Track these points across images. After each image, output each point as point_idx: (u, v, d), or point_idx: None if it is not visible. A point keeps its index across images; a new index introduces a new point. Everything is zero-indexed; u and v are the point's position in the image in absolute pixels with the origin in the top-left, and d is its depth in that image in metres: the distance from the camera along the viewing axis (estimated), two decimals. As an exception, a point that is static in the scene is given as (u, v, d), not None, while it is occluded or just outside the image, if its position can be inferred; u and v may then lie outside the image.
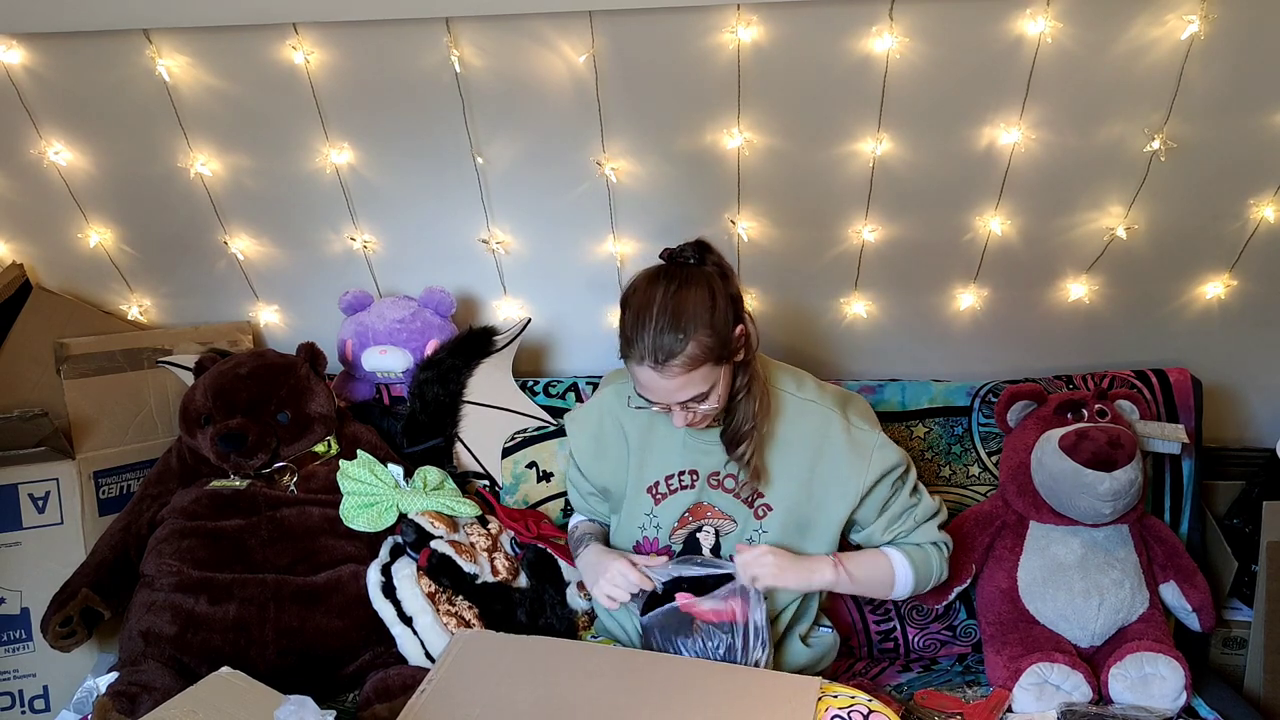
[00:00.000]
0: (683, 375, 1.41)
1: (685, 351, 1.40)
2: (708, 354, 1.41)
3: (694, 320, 1.40)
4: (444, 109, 1.75)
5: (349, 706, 1.61)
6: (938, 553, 1.61)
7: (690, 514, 1.60)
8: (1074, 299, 1.98)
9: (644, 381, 1.45)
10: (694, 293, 1.43)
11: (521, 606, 1.75)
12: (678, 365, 1.40)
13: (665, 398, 1.45)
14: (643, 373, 1.43)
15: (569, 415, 1.73)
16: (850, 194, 1.84)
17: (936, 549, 1.61)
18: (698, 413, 1.48)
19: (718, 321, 1.42)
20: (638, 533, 1.63)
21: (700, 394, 1.44)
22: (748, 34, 1.62)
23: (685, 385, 1.42)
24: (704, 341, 1.41)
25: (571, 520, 1.80)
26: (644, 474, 1.62)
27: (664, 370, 1.41)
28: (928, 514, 1.60)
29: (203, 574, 1.66)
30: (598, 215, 1.91)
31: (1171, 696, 1.62)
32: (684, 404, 1.45)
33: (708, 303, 1.42)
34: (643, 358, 1.41)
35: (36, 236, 1.96)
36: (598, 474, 1.67)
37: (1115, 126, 1.73)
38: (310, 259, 2.02)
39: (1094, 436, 1.69)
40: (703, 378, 1.43)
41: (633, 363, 1.44)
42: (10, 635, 1.80)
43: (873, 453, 1.55)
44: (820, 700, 1.38)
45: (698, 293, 1.43)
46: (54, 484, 1.86)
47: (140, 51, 1.68)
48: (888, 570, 1.58)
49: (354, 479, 1.77)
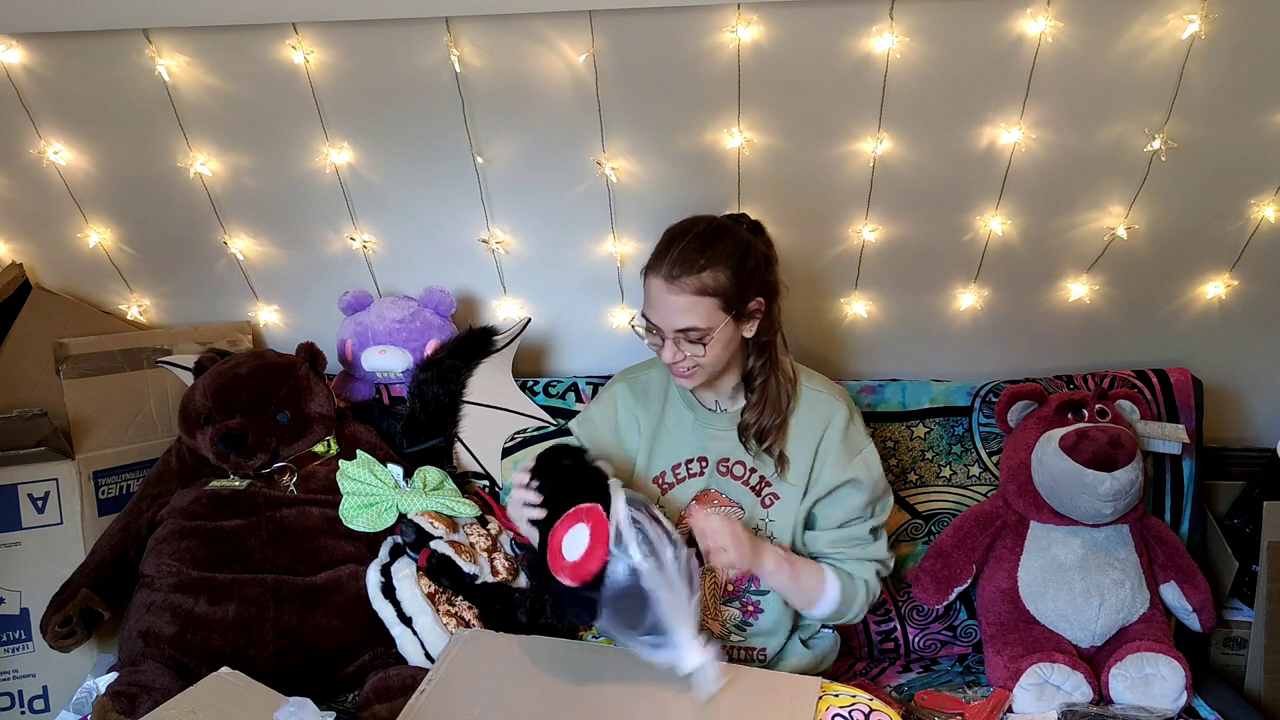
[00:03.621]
0: (689, 296, 1.45)
1: (701, 275, 1.44)
2: (720, 291, 1.45)
3: (721, 255, 1.46)
4: (444, 109, 1.75)
5: (349, 707, 1.61)
6: (864, 592, 1.58)
7: (697, 501, 1.61)
8: (1074, 299, 1.98)
9: (652, 296, 1.49)
10: (731, 237, 1.49)
11: (521, 606, 1.75)
12: (689, 284, 1.44)
13: (666, 319, 1.48)
14: (655, 285, 1.48)
15: (577, 421, 1.73)
16: (850, 194, 1.84)
17: (865, 588, 1.59)
18: (687, 355, 1.49)
19: (742, 272, 1.47)
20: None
21: (698, 331, 1.46)
22: (748, 34, 1.62)
23: (688, 310, 1.45)
24: (721, 278, 1.45)
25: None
26: (651, 465, 1.63)
27: (674, 285, 1.45)
28: (875, 556, 1.60)
29: (202, 574, 1.66)
30: (598, 215, 1.91)
31: (1172, 697, 1.62)
32: (679, 333, 1.47)
33: (739, 252, 1.48)
34: (659, 269, 1.47)
35: (36, 236, 1.96)
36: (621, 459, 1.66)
37: (1116, 126, 1.73)
38: (310, 259, 2.02)
39: (1094, 436, 1.69)
40: (706, 313, 1.46)
41: (650, 275, 1.49)
42: (10, 635, 1.80)
43: (861, 453, 1.59)
44: (821, 699, 1.38)
45: (734, 239, 1.49)
46: (53, 484, 1.85)
47: (140, 51, 1.68)
48: (819, 586, 1.56)
49: (354, 479, 1.77)
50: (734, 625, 1.61)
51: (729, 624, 1.60)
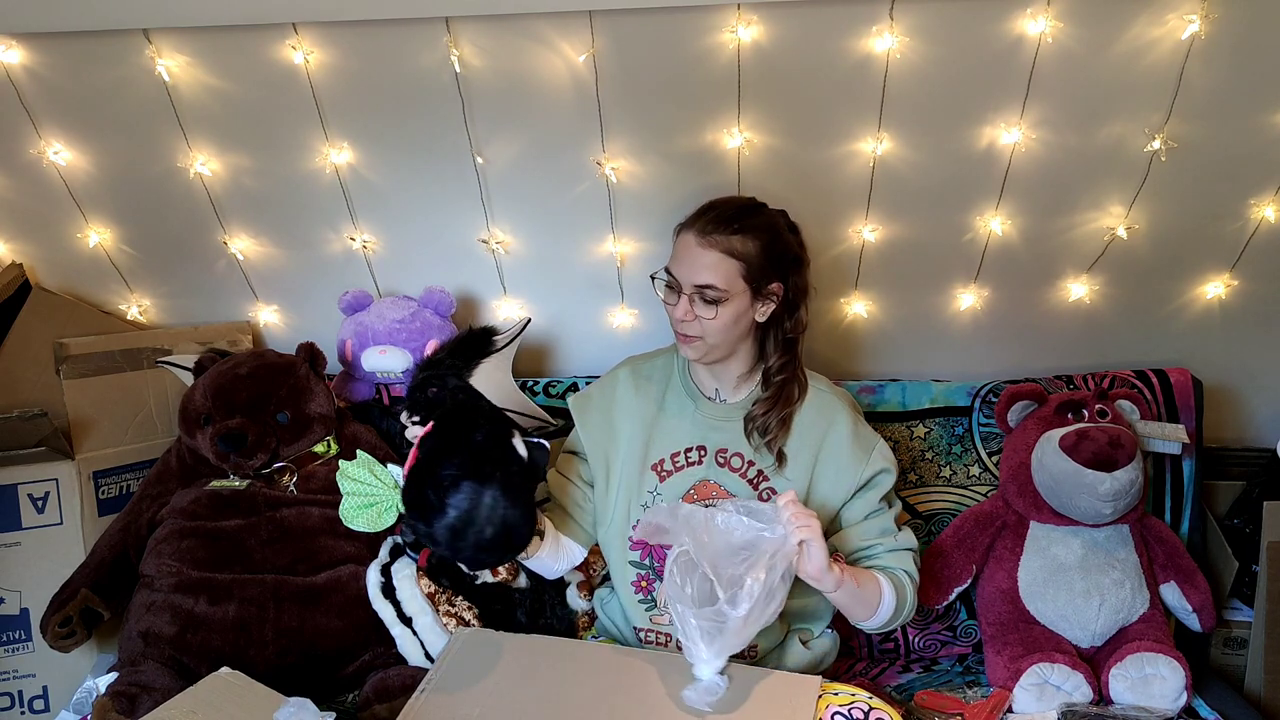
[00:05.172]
0: (717, 253, 1.49)
1: (732, 237, 1.50)
2: (746, 258, 1.50)
3: (756, 227, 1.52)
4: (444, 109, 1.75)
5: (349, 707, 1.61)
6: (910, 585, 1.57)
7: (695, 491, 1.60)
8: (1074, 299, 1.98)
9: (679, 250, 1.54)
10: (768, 216, 1.57)
11: (521, 606, 1.75)
12: (719, 241, 1.49)
13: (688, 273, 1.51)
14: (685, 240, 1.52)
15: (575, 396, 1.72)
16: (850, 194, 1.84)
17: (910, 580, 1.57)
18: (697, 315, 1.51)
19: (771, 250, 1.52)
20: (640, 511, 1.62)
21: (716, 291, 1.49)
22: (748, 34, 1.62)
23: (712, 267, 1.49)
24: (750, 246, 1.50)
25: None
26: (650, 452, 1.63)
27: (705, 239, 1.50)
28: (907, 545, 1.59)
29: (202, 574, 1.66)
30: (598, 215, 1.91)
31: (1172, 697, 1.62)
32: (696, 289, 1.49)
33: (773, 231, 1.54)
34: (692, 225, 1.52)
35: (36, 236, 1.96)
36: (602, 456, 1.65)
37: (1116, 126, 1.73)
38: (310, 259, 2.02)
39: (1094, 437, 1.69)
40: (728, 274, 1.49)
41: (683, 231, 1.54)
42: (10, 635, 1.80)
43: (874, 449, 1.59)
44: (821, 698, 1.38)
45: (771, 219, 1.56)
46: (53, 484, 1.86)
47: (140, 51, 1.68)
48: (876, 592, 1.52)
49: (353, 479, 1.76)
50: None
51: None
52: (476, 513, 1.35)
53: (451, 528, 1.35)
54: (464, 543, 1.36)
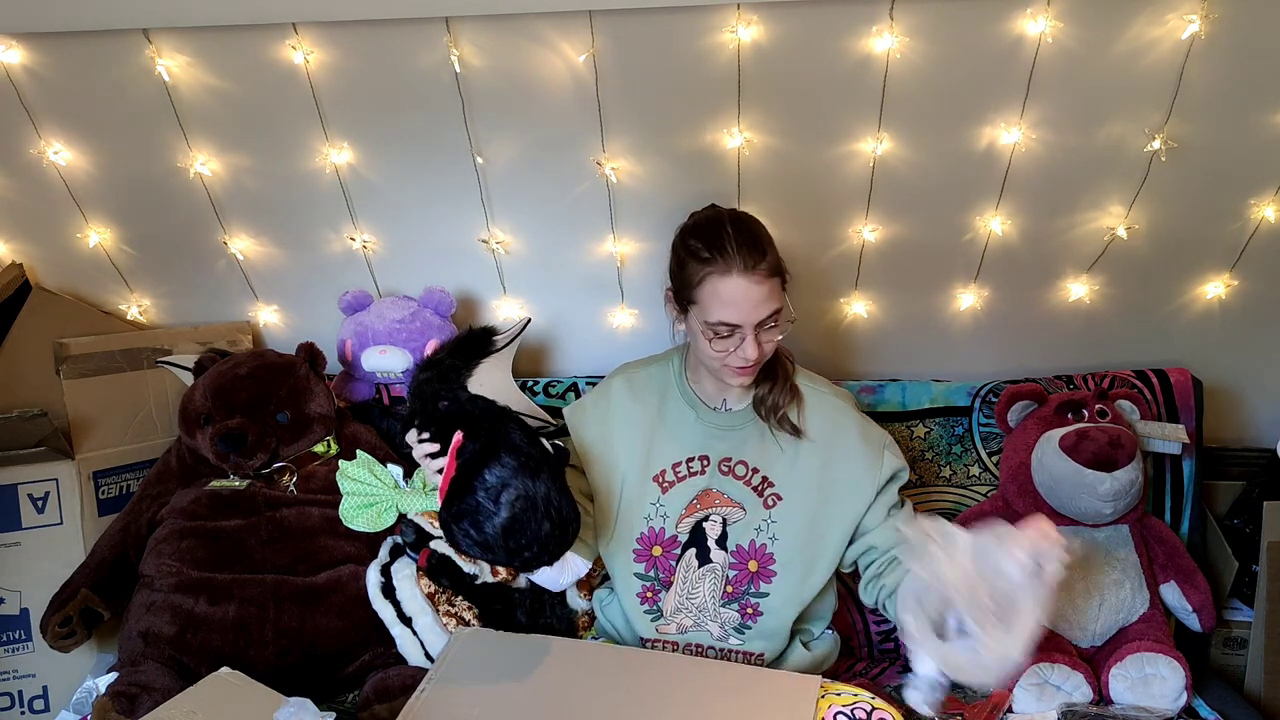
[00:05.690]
0: (769, 282, 1.45)
1: (767, 258, 1.45)
2: (780, 270, 1.48)
3: (766, 236, 1.49)
4: (444, 109, 1.75)
5: (349, 707, 1.61)
6: None
7: (698, 501, 1.60)
8: (1074, 299, 1.98)
9: (730, 295, 1.43)
10: (755, 220, 1.53)
11: (521, 606, 1.75)
12: (765, 269, 1.44)
13: (750, 314, 1.43)
14: (730, 284, 1.42)
15: (570, 408, 1.72)
16: (850, 194, 1.84)
17: None
18: (764, 344, 1.47)
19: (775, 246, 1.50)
20: (643, 523, 1.62)
21: (776, 311, 1.46)
22: (748, 34, 1.62)
23: (769, 296, 1.45)
24: (775, 256, 1.47)
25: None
26: (651, 463, 1.62)
27: (753, 275, 1.42)
28: None
29: (202, 574, 1.66)
30: (598, 215, 1.90)
31: (1172, 697, 1.62)
32: (760, 325, 1.45)
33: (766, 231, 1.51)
34: (730, 266, 1.42)
35: (36, 236, 1.96)
36: (602, 468, 1.65)
37: (1115, 126, 1.73)
38: (310, 259, 2.02)
39: (1094, 437, 1.69)
40: (777, 292, 1.47)
41: (716, 276, 1.43)
42: (9, 635, 1.80)
43: (884, 449, 1.59)
44: (823, 698, 1.38)
45: (757, 221, 1.53)
46: (53, 484, 1.85)
47: (140, 51, 1.68)
48: None
49: (353, 479, 1.76)
50: (733, 628, 1.60)
51: (728, 625, 1.60)
52: (533, 508, 1.33)
53: (506, 528, 1.33)
54: (521, 541, 1.34)
